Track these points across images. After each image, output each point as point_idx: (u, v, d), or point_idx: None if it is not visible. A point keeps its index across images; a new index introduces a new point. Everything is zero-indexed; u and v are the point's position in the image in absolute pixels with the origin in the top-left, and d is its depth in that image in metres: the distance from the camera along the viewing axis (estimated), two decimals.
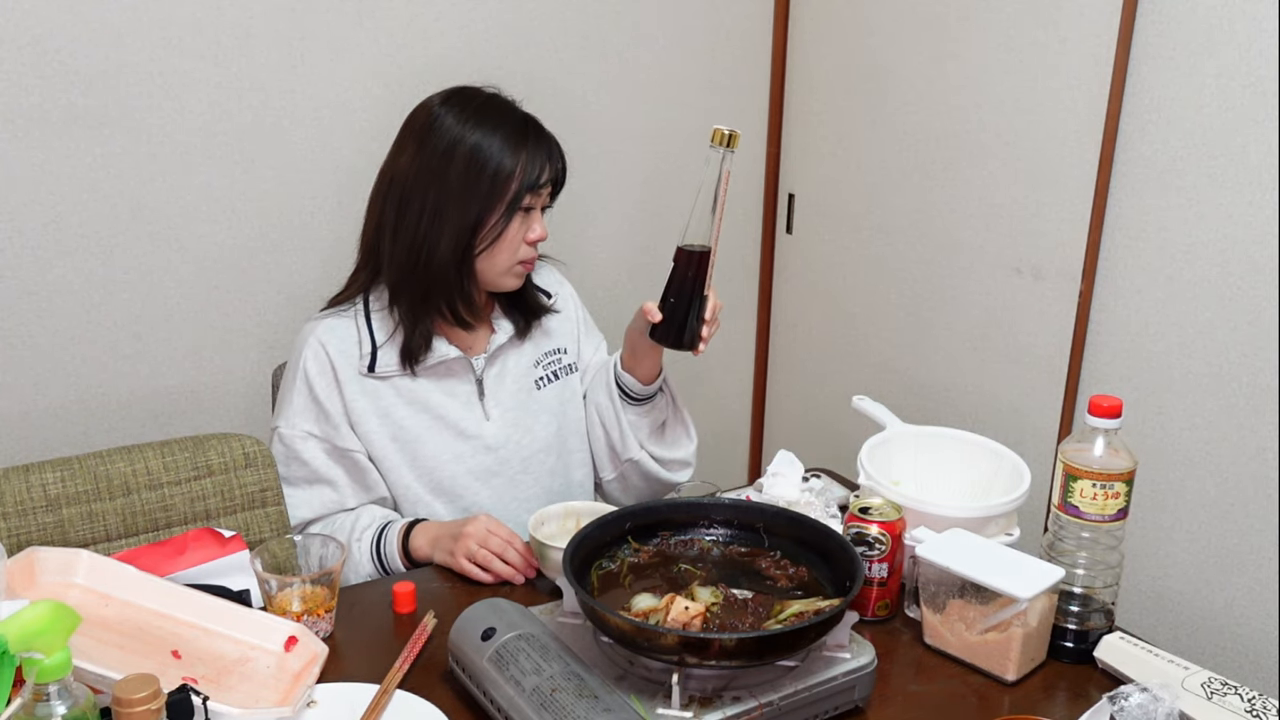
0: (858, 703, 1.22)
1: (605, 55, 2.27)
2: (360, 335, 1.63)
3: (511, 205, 1.58)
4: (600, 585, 1.28)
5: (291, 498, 1.64)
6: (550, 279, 1.81)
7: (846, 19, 2.33)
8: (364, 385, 1.63)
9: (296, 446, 1.62)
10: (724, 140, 1.46)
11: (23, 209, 1.81)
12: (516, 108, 1.64)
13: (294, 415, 1.62)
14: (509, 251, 1.61)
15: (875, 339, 2.38)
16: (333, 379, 1.62)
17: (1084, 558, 1.35)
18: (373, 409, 1.63)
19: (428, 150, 1.59)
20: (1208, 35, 1.74)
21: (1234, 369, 1.79)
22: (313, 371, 1.62)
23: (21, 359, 1.86)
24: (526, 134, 1.60)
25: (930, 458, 1.61)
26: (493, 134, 1.57)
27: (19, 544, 1.49)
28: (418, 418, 1.65)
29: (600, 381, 1.76)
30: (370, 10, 2.00)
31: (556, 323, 1.78)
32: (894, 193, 2.30)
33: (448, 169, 1.57)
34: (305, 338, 1.64)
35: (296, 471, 1.63)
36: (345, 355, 1.62)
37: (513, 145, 1.57)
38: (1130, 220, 1.89)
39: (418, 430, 1.65)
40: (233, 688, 1.19)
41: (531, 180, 1.58)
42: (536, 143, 1.60)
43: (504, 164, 1.56)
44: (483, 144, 1.57)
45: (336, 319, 1.65)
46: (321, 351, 1.62)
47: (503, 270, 1.62)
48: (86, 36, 1.78)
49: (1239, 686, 1.22)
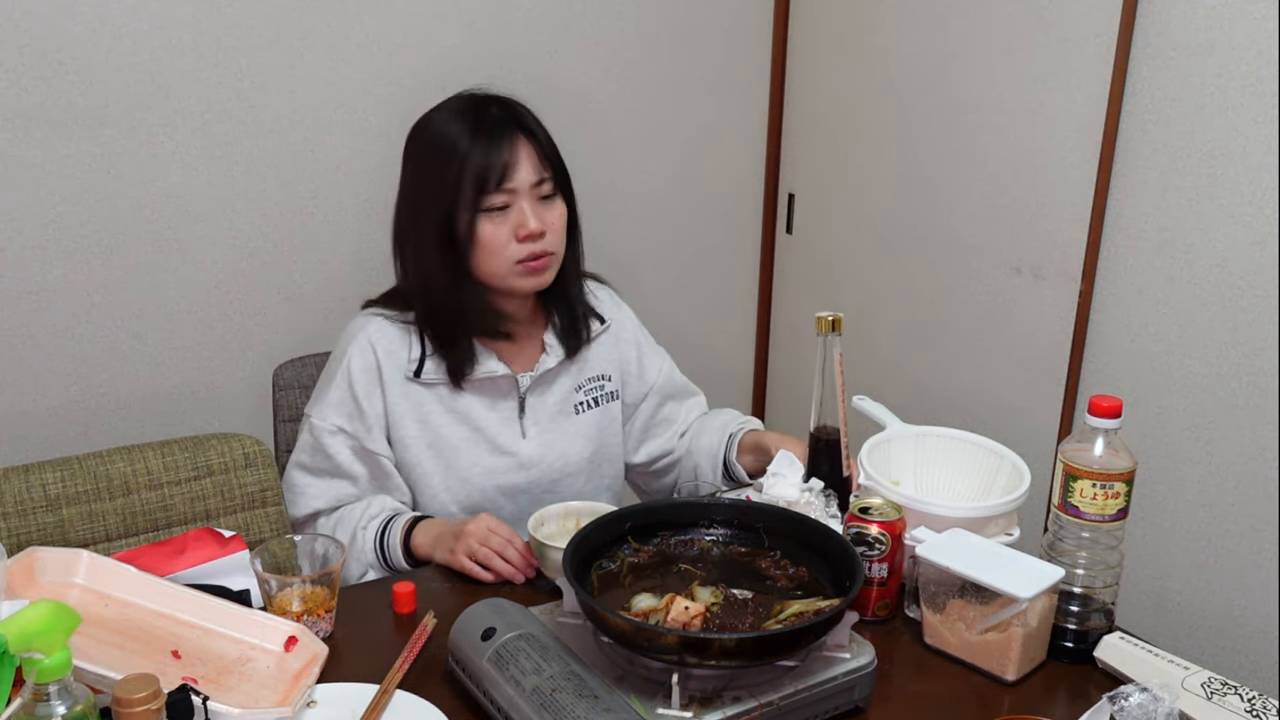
0: (858, 703, 1.22)
1: (605, 55, 2.27)
2: (411, 340, 1.62)
3: (472, 203, 1.54)
4: (600, 585, 1.28)
5: (309, 486, 1.63)
6: (607, 304, 1.77)
7: (846, 19, 2.33)
8: (407, 389, 1.61)
9: (324, 440, 1.60)
10: (829, 326, 1.48)
11: (23, 209, 1.81)
12: (486, 101, 1.59)
13: (327, 408, 1.60)
14: (495, 254, 1.56)
15: (875, 339, 2.38)
16: (376, 380, 1.60)
17: (1084, 558, 1.35)
18: (413, 414, 1.62)
19: (407, 161, 1.61)
20: (1208, 35, 1.74)
21: (1234, 369, 1.79)
22: (356, 369, 1.60)
23: (21, 359, 1.86)
24: (480, 127, 1.54)
25: (930, 458, 1.61)
26: (450, 132, 1.55)
27: (19, 544, 1.49)
28: (456, 428, 1.64)
29: (708, 450, 1.76)
30: (370, 10, 2.00)
31: (605, 350, 1.75)
32: (894, 193, 2.30)
33: (417, 175, 1.59)
34: (354, 333, 1.62)
35: (320, 463, 1.62)
36: (394, 357, 1.61)
37: (462, 139, 1.53)
38: (1130, 220, 1.89)
39: (455, 440, 1.63)
40: (233, 688, 1.19)
41: (483, 173, 1.52)
42: (490, 133, 1.54)
43: (453, 160, 1.53)
44: (440, 144, 1.55)
45: (390, 323, 1.62)
46: (370, 351, 1.60)
47: (504, 272, 1.59)
48: (86, 36, 1.78)
49: (1239, 686, 1.22)
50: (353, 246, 2.09)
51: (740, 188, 2.56)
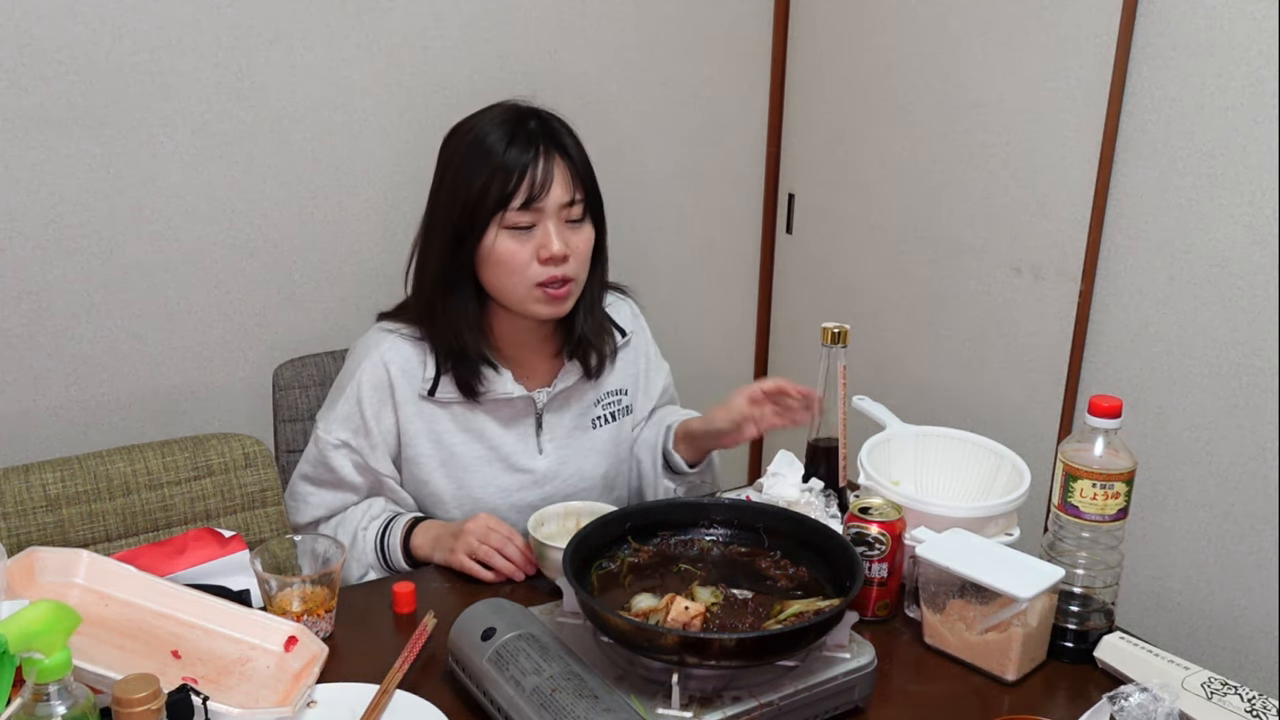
0: (858, 703, 1.22)
1: (605, 55, 2.27)
2: (426, 358, 1.59)
3: (489, 214, 1.50)
4: (600, 585, 1.28)
5: (311, 495, 1.62)
6: (627, 316, 1.74)
7: (847, 19, 2.33)
8: (421, 408, 1.59)
9: (328, 453, 1.59)
10: (833, 338, 1.49)
11: (23, 209, 1.81)
12: (525, 115, 1.55)
13: (334, 422, 1.59)
14: (511, 271, 1.52)
15: (875, 339, 2.38)
16: (389, 398, 1.58)
17: (1084, 558, 1.35)
18: (426, 432, 1.60)
19: (439, 166, 1.58)
20: (1208, 35, 1.74)
21: (1234, 369, 1.79)
22: (366, 386, 1.57)
23: (21, 359, 1.86)
24: (515, 141, 1.51)
25: (930, 458, 1.61)
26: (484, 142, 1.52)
27: (19, 544, 1.49)
28: (471, 446, 1.62)
29: (648, 441, 1.73)
30: (370, 10, 2.00)
31: (623, 364, 1.73)
32: (894, 193, 2.30)
33: (444, 180, 1.56)
34: (369, 349, 1.59)
35: (323, 474, 1.61)
36: (408, 376, 1.58)
37: (494, 152, 1.50)
38: (1130, 220, 1.89)
39: (468, 459, 1.62)
40: (233, 688, 1.19)
41: (507, 189, 1.49)
42: (523, 149, 1.50)
43: (481, 171, 1.50)
44: (471, 152, 1.52)
45: (404, 340, 1.59)
46: (382, 370, 1.58)
47: (522, 295, 1.54)
48: (86, 36, 1.78)
49: (1239, 686, 1.22)
50: (353, 246, 2.09)
51: (740, 188, 2.56)
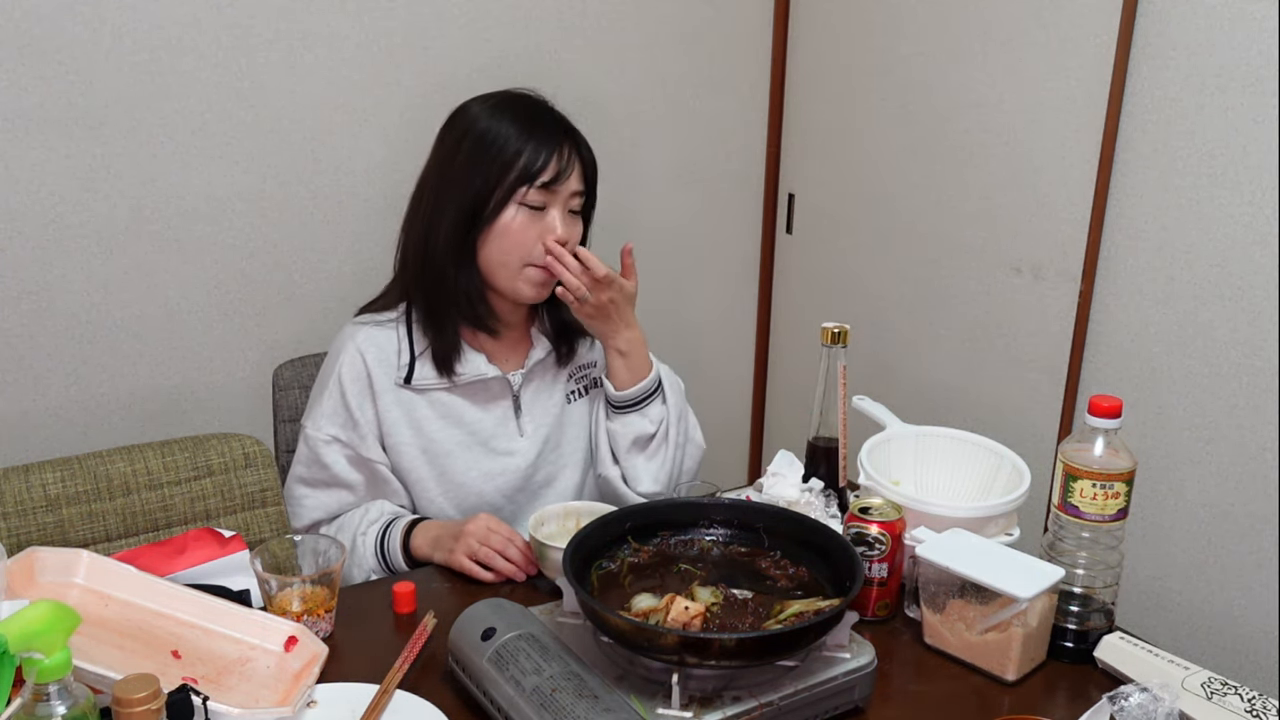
0: (858, 703, 1.22)
1: (605, 55, 2.27)
2: (400, 345, 1.61)
3: (511, 187, 1.55)
4: (600, 585, 1.28)
5: (307, 498, 1.63)
6: None
7: (847, 19, 2.33)
8: (399, 396, 1.61)
9: (320, 450, 1.60)
10: (833, 338, 1.49)
11: (23, 209, 1.81)
12: (543, 104, 1.62)
13: (321, 419, 1.60)
14: (515, 246, 1.57)
15: (875, 339, 2.38)
16: (367, 388, 1.60)
17: (1084, 558, 1.35)
18: (405, 420, 1.61)
19: (446, 141, 1.60)
20: (1208, 35, 1.74)
21: (1234, 369, 1.79)
22: (347, 379, 1.60)
23: (21, 359, 1.86)
24: (539, 123, 1.57)
25: (930, 458, 1.61)
26: (506, 120, 1.56)
27: (19, 544, 1.49)
28: (450, 432, 1.63)
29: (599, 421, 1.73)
30: (370, 10, 2.00)
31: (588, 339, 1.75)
32: (894, 193, 2.30)
33: (457, 153, 1.57)
34: (344, 343, 1.62)
35: (317, 474, 1.62)
36: (383, 365, 1.60)
37: (522, 130, 1.55)
38: (1130, 220, 1.89)
39: (449, 445, 1.63)
40: (233, 688, 1.19)
41: (535, 166, 1.55)
42: (550, 134, 1.57)
43: (508, 145, 1.54)
44: (493, 127, 1.56)
45: (378, 328, 1.63)
46: (359, 360, 1.60)
47: (514, 270, 1.58)
48: (86, 36, 1.78)
49: (1239, 686, 1.22)
50: (353, 246, 2.09)
51: (740, 188, 2.56)
